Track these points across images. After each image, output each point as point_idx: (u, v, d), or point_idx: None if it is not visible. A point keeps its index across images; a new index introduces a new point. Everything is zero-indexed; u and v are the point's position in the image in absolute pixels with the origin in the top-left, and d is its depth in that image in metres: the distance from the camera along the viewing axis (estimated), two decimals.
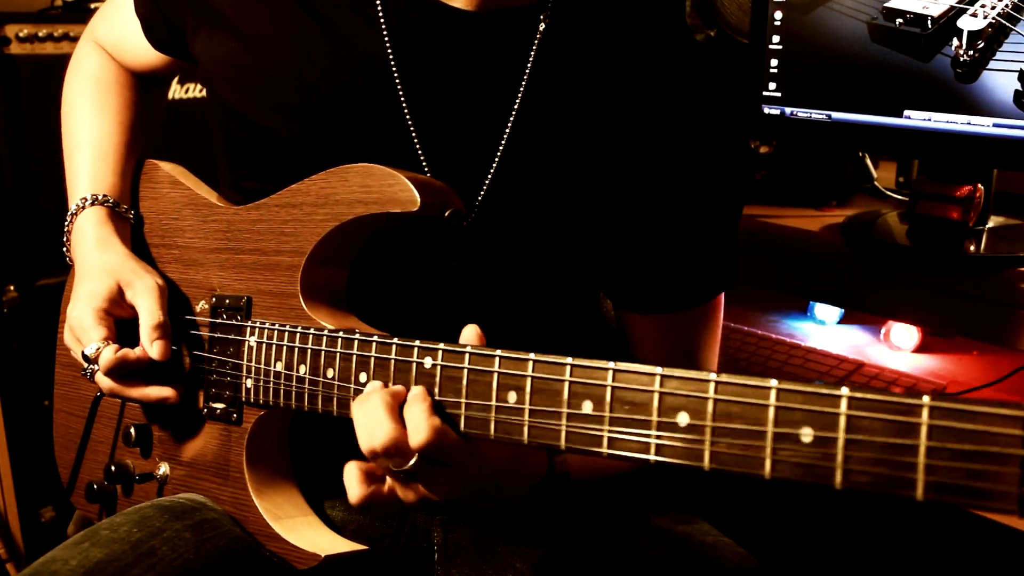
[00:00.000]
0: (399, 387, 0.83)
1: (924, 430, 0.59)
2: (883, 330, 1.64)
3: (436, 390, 0.81)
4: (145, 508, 1.00)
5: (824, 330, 1.73)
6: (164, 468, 1.09)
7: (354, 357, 0.89)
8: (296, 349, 0.94)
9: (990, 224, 1.46)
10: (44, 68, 1.89)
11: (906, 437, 0.59)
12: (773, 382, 0.65)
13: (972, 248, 1.40)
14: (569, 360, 0.75)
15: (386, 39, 0.97)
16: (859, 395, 0.61)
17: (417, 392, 0.81)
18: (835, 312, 1.74)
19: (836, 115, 1.45)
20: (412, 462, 0.79)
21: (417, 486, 0.83)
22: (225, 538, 0.97)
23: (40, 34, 1.90)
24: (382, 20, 0.97)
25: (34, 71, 1.89)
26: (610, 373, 0.73)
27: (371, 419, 0.80)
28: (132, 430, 1.09)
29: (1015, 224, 1.48)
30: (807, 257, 1.55)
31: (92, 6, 2.01)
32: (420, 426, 0.78)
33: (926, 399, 0.59)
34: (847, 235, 1.52)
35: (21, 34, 1.87)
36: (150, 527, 0.96)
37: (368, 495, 0.84)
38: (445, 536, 1.08)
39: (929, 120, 1.35)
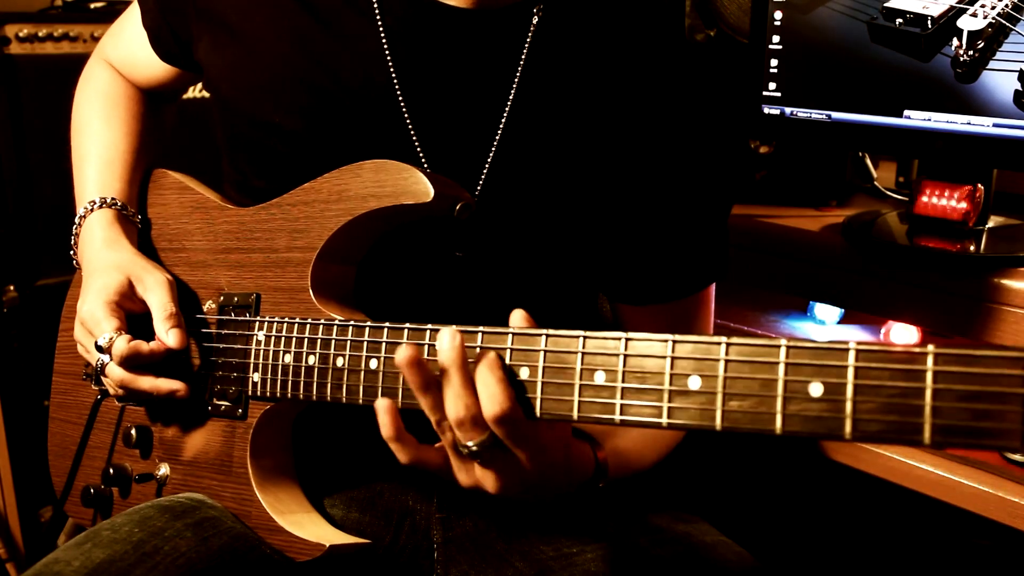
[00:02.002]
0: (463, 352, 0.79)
1: (929, 376, 0.61)
2: (883, 330, 1.64)
3: None
4: (145, 508, 1.01)
5: (824, 330, 1.73)
6: (164, 469, 1.09)
7: (365, 344, 0.89)
8: (306, 340, 0.95)
9: (990, 224, 1.46)
10: (44, 68, 1.89)
11: (912, 383, 0.62)
12: (783, 340, 0.67)
13: (972, 248, 1.40)
14: (581, 332, 0.76)
15: (383, 37, 0.98)
16: (866, 347, 0.64)
17: (491, 358, 0.78)
18: (835, 312, 1.74)
19: (836, 115, 1.45)
20: (485, 436, 0.78)
21: (474, 468, 0.82)
22: (226, 536, 0.97)
23: (40, 34, 1.90)
24: (379, 18, 0.98)
25: (34, 71, 1.89)
26: (622, 342, 0.74)
27: (447, 391, 0.78)
28: (133, 431, 1.09)
29: (1015, 224, 1.48)
30: (807, 257, 1.55)
31: (92, 6, 2.01)
32: (496, 395, 0.76)
33: (931, 347, 0.61)
34: (847, 235, 1.52)
35: (21, 34, 1.87)
36: (151, 527, 0.96)
37: (414, 459, 0.83)
38: (445, 534, 1.08)
39: (929, 120, 1.35)
